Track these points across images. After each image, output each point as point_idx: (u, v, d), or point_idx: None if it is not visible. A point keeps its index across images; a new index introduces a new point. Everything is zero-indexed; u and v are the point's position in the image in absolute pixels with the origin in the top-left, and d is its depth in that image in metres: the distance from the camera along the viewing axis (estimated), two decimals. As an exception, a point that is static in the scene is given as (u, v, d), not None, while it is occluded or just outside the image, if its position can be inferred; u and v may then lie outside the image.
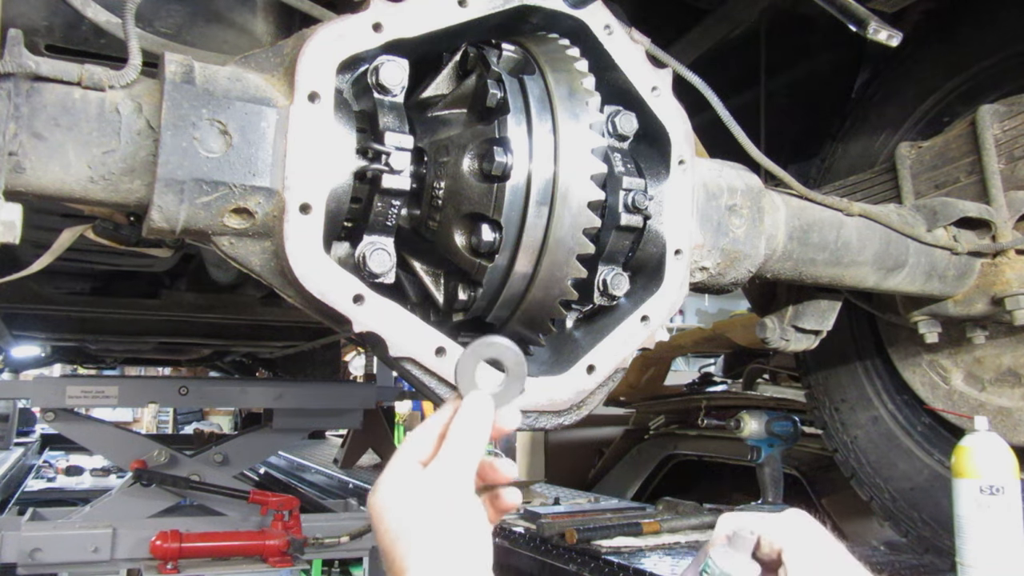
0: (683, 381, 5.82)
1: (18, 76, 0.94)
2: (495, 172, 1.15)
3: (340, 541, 3.57)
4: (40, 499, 5.59)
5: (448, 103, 1.26)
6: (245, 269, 1.10)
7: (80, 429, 4.02)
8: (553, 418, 1.29)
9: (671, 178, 1.40)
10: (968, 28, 2.23)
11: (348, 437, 5.51)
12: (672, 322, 1.99)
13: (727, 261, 1.53)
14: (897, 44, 1.50)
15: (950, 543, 1.92)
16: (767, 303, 2.08)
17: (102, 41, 1.39)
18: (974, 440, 1.86)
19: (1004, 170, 1.95)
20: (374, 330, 1.12)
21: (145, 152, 1.01)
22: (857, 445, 2.53)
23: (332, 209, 1.12)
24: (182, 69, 1.02)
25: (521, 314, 1.26)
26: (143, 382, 5.03)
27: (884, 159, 2.37)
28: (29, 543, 3.21)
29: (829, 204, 1.71)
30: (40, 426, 8.14)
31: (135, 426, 12.70)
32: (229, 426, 11.18)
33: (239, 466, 4.27)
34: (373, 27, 1.12)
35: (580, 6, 1.30)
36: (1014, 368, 2.08)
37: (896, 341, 2.36)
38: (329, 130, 1.09)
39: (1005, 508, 1.80)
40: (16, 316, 4.26)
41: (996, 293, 1.89)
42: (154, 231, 1.04)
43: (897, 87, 2.42)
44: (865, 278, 1.80)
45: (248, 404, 5.13)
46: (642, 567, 2.26)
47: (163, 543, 3.23)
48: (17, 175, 0.96)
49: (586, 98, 1.22)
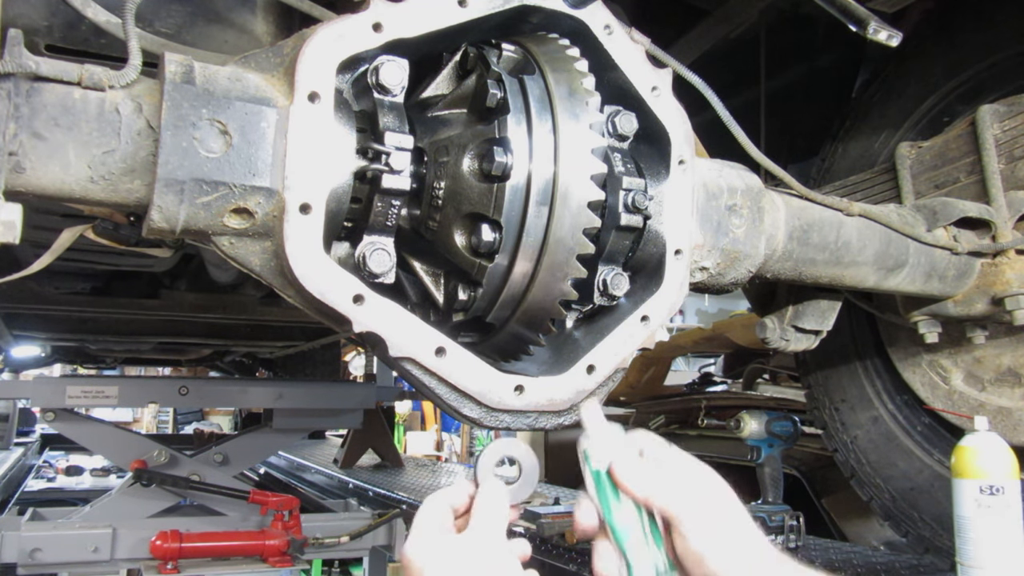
0: (683, 381, 5.83)
1: (18, 76, 0.94)
2: (495, 172, 1.15)
3: (340, 541, 3.57)
4: (40, 499, 5.59)
5: (448, 103, 1.26)
6: (245, 269, 1.10)
7: (80, 429, 4.02)
8: (553, 418, 1.29)
9: (671, 178, 1.40)
10: (968, 28, 2.23)
11: (348, 437, 5.50)
12: (672, 322, 1.99)
13: (727, 261, 1.53)
14: (897, 44, 1.49)
15: (950, 543, 1.92)
16: (767, 303, 2.08)
17: (102, 41, 1.39)
18: (974, 440, 1.86)
19: (1004, 170, 1.95)
20: (374, 330, 1.12)
21: (145, 152, 1.01)
22: (857, 445, 2.53)
23: (332, 209, 1.12)
24: (182, 69, 1.02)
25: (521, 314, 1.26)
26: (143, 382, 5.03)
27: (884, 159, 2.37)
28: (29, 543, 3.21)
29: (829, 204, 1.71)
30: (40, 426, 8.14)
31: (135, 426, 12.69)
32: (229, 426, 11.17)
33: (239, 466, 4.27)
34: (373, 27, 1.12)
35: (580, 6, 1.30)
36: (1014, 368, 2.08)
37: (896, 341, 2.36)
38: (329, 130, 1.09)
39: (1005, 508, 1.80)
40: (16, 316, 4.27)
41: (996, 293, 1.89)
42: (154, 231, 1.04)
43: (897, 87, 2.42)
44: (865, 278, 1.80)
45: (248, 404, 5.13)
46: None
47: (163, 543, 3.22)
48: (17, 175, 0.96)
49: (586, 98, 1.22)
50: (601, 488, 0.93)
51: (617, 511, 0.91)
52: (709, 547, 0.89)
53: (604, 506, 0.92)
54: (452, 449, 12.42)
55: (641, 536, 0.90)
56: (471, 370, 1.20)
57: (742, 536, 0.92)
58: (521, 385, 1.24)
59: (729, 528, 0.92)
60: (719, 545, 0.90)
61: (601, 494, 0.93)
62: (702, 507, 0.92)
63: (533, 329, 1.29)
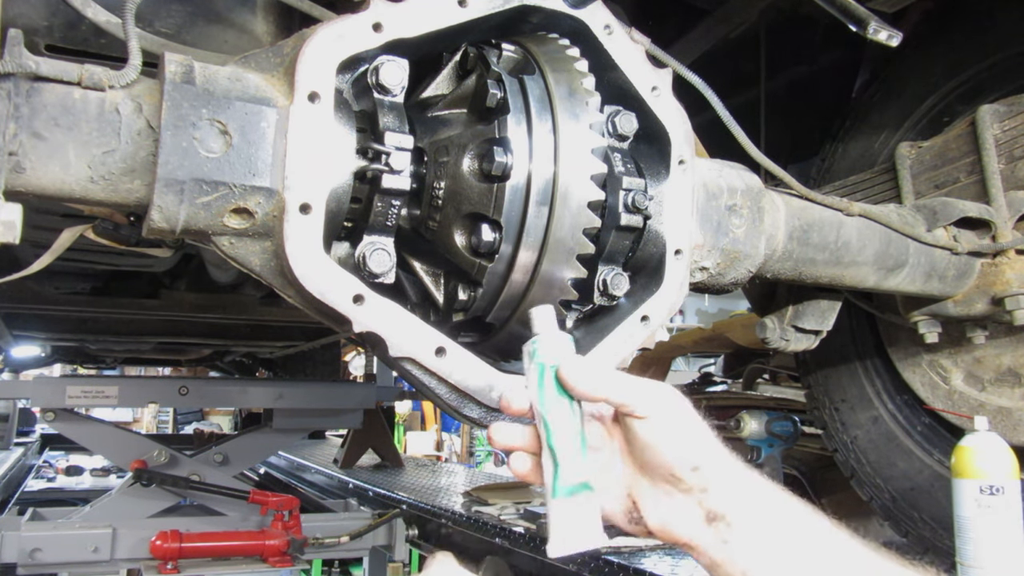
0: (683, 381, 5.82)
1: (18, 76, 0.94)
2: (495, 172, 1.15)
3: (340, 541, 3.57)
4: (40, 499, 5.59)
5: (448, 103, 1.26)
6: (245, 269, 1.10)
7: (80, 429, 4.02)
8: (553, 418, 1.29)
9: (671, 178, 1.40)
10: (968, 28, 2.23)
11: (348, 437, 5.51)
12: (672, 322, 1.99)
13: (727, 261, 1.53)
14: (897, 44, 1.49)
15: (950, 543, 1.92)
16: (767, 303, 2.08)
17: (102, 41, 1.38)
18: (974, 440, 1.86)
19: (1004, 170, 1.95)
20: (374, 330, 1.12)
21: (145, 152, 1.01)
22: (857, 445, 2.53)
23: (332, 209, 1.12)
24: (182, 69, 1.02)
25: (521, 314, 1.26)
26: (143, 382, 5.04)
27: (884, 159, 2.37)
28: (29, 543, 3.21)
29: (829, 204, 1.71)
30: (40, 426, 8.14)
31: (135, 426, 12.70)
32: (229, 426, 11.18)
33: (239, 466, 4.27)
34: (373, 27, 1.12)
35: (580, 6, 1.30)
36: (1014, 368, 2.08)
37: (896, 341, 2.36)
38: (329, 130, 1.09)
39: (1005, 508, 1.80)
40: (16, 316, 4.27)
41: (996, 293, 1.89)
42: (154, 231, 1.04)
43: (897, 87, 2.42)
44: (865, 278, 1.80)
45: (248, 404, 5.12)
46: (642, 567, 2.26)
47: (163, 543, 3.22)
48: (17, 175, 0.96)
49: (586, 98, 1.22)
50: (542, 385, 0.94)
51: (555, 410, 0.92)
52: (675, 429, 0.89)
53: (541, 402, 0.93)
54: (452, 449, 12.42)
55: (573, 440, 0.91)
56: (471, 370, 1.20)
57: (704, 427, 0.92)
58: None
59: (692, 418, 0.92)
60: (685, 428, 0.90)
61: (541, 389, 0.94)
62: (663, 398, 0.92)
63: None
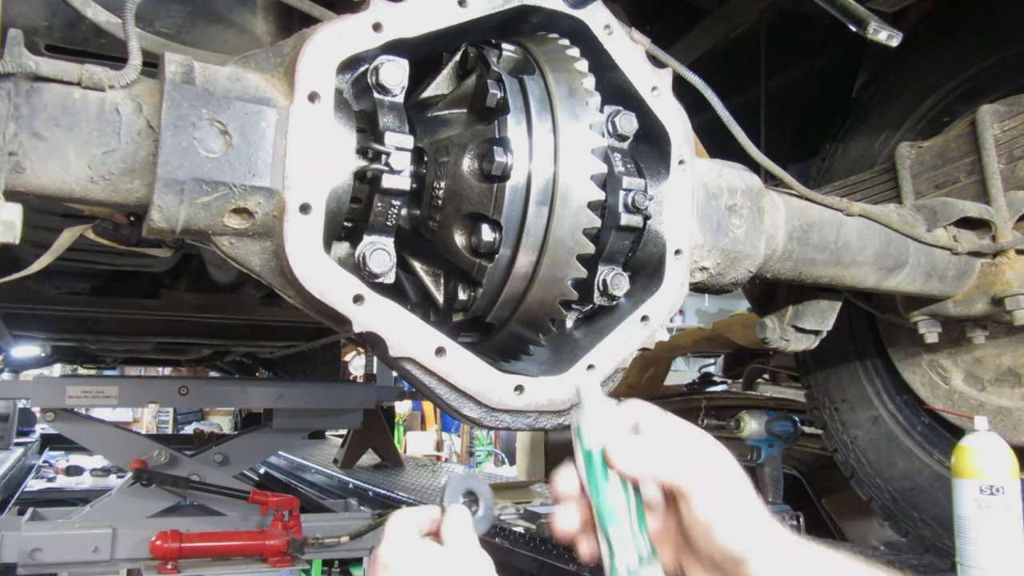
0: (683, 381, 5.82)
1: (18, 76, 0.94)
2: (495, 172, 1.15)
3: (340, 541, 3.57)
4: (40, 499, 5.60)
5: (448, 103, 1.26)
6: (245, 269, 1.10)
7: (80, 429, 4.02)
8: (553, 418, 1.29)
9: (671, 178, 1.40)
10: (968, 28, 2.23)
11: (348, 437, 5.51)
12: (672, 322, 1.99)
13: (727, 261, 1.53)
14: (897, 44, 1.49)
15: (950, 543, 1.92)
16: (767, 303, 2.08)
17: (102, 41, 1.38)
18: (974, 440, 1.86)
19: (1004, 170, 1.95)
20: (374, 330, 1.12)
21: (145, 152, 1.01)
22: (857, 445, 2.53)
23: (332, 209, 1.12)
24: (182, 69, 1.02)
25: (521, 314, 1.26)
26: (143, 382, 5.04)
27: (884, 159, 2.37)
28: (29, 543, 3.21)
29: (829, 204, 1.71)
30: (40, 426, 8.15)
31: (135, 426, 12.69)
32: (229, 426, 11.18)
33: (239, 466, 4.27)
34: (373, 27, 1.12)
35: (580, 6, 1.29)
36: (1014, 368, 2.08)
37: (896, 341, 2.36)
38: (329, 130, 1.09)
39: (1005, 508, 1.80)
40: (16, 316, 4.27)
41: (996, 293, 1.89)
42: (154, 231, 1.04)
43: (897, 87, 2.42)
44: (865, 278, 1.80)
45: (248, 404, 5.13)
46: None
47: (163, 543, 3.23)
48: (17, 175, 0.96)
49: (586, 98, 1.22)
50: (591, 468, 0.92)
51: (605, 493, 0.90)
52: (719, 516, 0.87)
53: (592, 486, 0.91)
54: (452, 449, 12.42)
55: (627, 520, 0.89)
56: (471, 370, 1.20)
57: (751, 507, 0.90)
58: (521, 385, 1.24)
59: (737, 499, 0.89)
60: (729, 515, 0.88)
61: (590, 473, 0.92)
62: (709, 476, 0.90)
63: (533, 329, 1.29)
